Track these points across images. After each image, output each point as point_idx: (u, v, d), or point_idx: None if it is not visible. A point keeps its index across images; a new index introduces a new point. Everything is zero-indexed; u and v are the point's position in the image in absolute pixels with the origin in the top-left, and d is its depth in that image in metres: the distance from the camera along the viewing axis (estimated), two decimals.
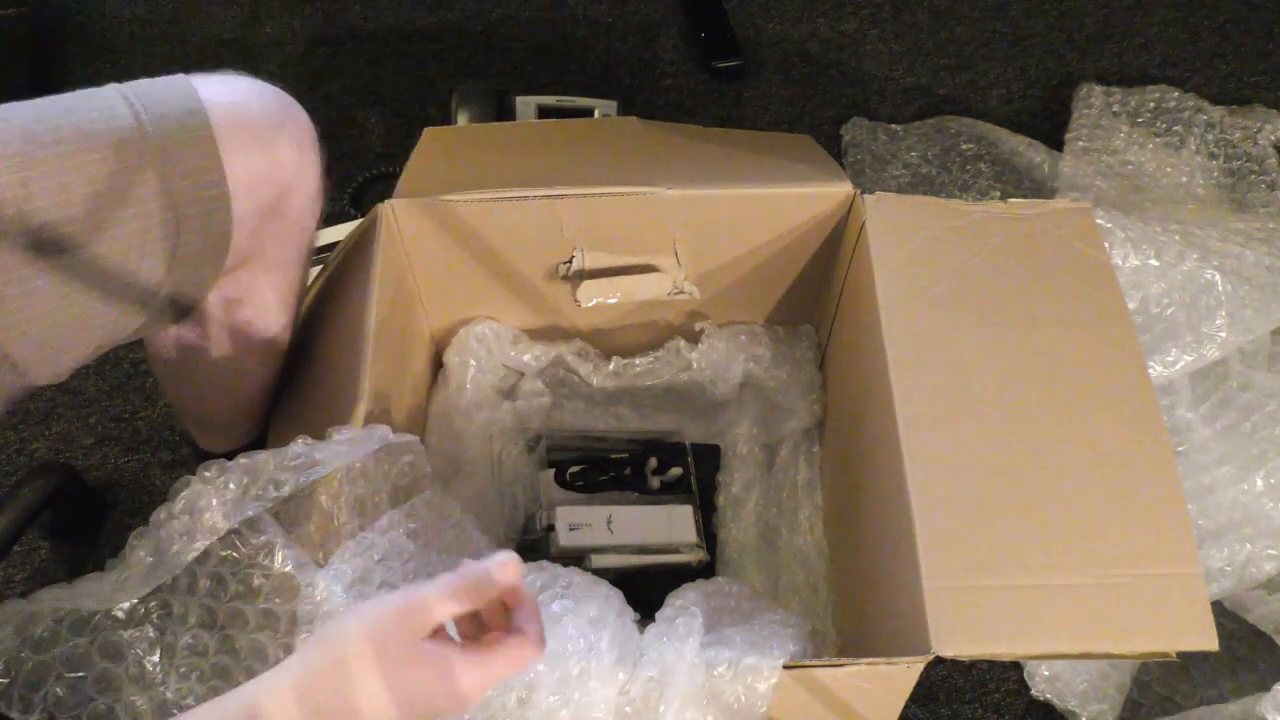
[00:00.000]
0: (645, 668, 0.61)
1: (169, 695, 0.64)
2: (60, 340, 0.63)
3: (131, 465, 1.05)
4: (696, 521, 0.93)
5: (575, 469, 0.94)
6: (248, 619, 0.63)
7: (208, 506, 0.64)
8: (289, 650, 0.60)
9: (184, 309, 0.70)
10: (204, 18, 1.42)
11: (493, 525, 0.91)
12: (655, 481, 0.95)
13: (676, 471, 0.96)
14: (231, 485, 0.64)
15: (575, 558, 0.85)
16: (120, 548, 0.68)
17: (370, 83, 1.37)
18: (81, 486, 1.02)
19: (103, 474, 1.05)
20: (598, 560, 0.86)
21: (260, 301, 0.76)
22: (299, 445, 0.66)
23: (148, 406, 1.09)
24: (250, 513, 0.63)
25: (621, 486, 0.95)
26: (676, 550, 0.90)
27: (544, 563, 0.69)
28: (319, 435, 0.68)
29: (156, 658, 0.65)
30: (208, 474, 0.66)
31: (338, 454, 0.66)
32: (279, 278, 0.76)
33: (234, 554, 0.66)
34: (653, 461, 0.96)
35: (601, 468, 0.95)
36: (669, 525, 0.91)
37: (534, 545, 0.92)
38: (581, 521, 0.88)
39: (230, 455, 0.87)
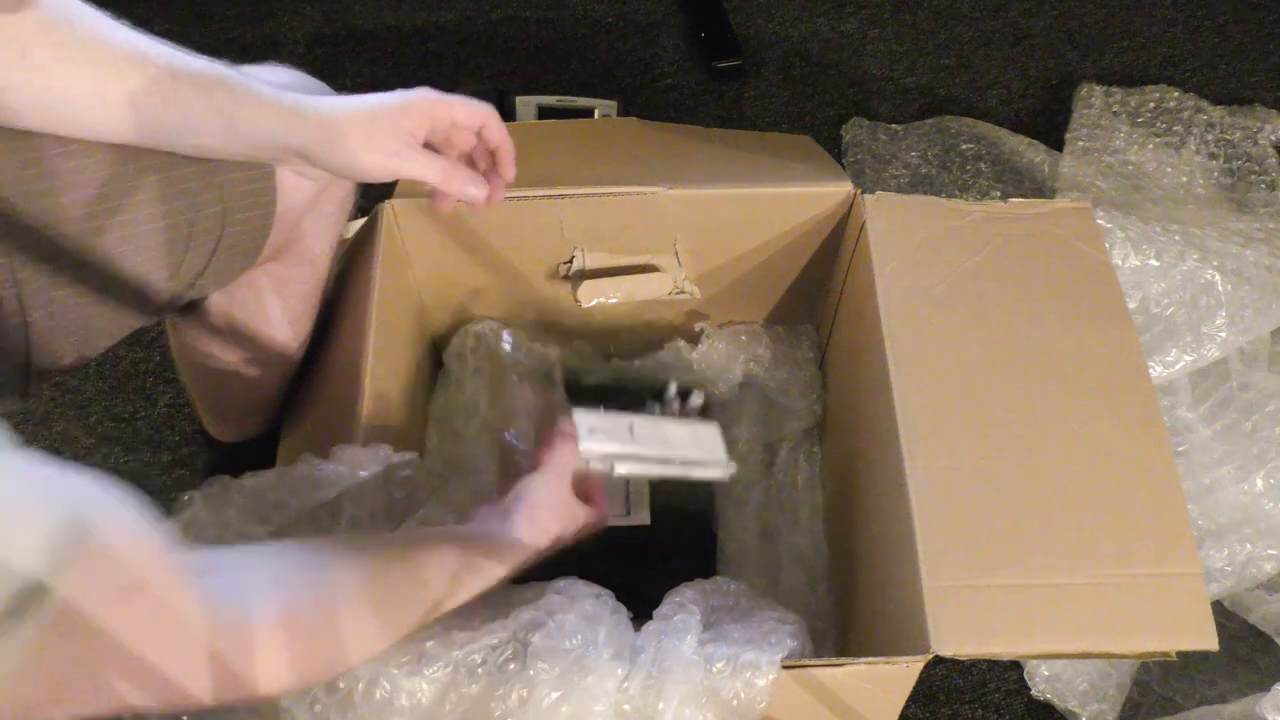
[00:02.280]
0: (643, 664, 0.61)
1: None
2: (95, 320, 0.64)
3: (131, 465, 1.05)
4: (723, 440, 0.86)
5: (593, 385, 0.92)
6: None
7: (210, 523, 0.64)
8: None
9: (201, 299, 0.71)
10: (204, 17, 1.42)
11: None
12: (676, 405, 0.90)
13: (698, 400, 0.90)
14: (234, 506, 0.64)
15: (598, 465, 0.77)
16: None
17: (370, 83, 1.37)
18: None
19: (103, 474, 1.05)
20: (621, 467, 0.77)
21: (288, 293, 0.77)
22: (304, 466, 0.66)
23: (148, 406, 1.09)
24: (252, 535, 0.63)
25: (641, 408, 0.88)
26: (703, 464, 0.82)
27: (532, 582, 0.69)
28: (322, 438, 0.68)
29: None
30: (211, 492, 0.66)
31: (341, 476, 0.66)
32: (309, 272, 0.77)
33: None
34: (673, 387, 0.90)
35: (620, 391, 0.92)
36: (695, 440, 0.84)
37: None
38: (601, 426, 0.78)
39: (237, 447, 0.88)
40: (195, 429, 1.06)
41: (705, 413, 0.93)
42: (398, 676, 0.58)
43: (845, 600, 0.89)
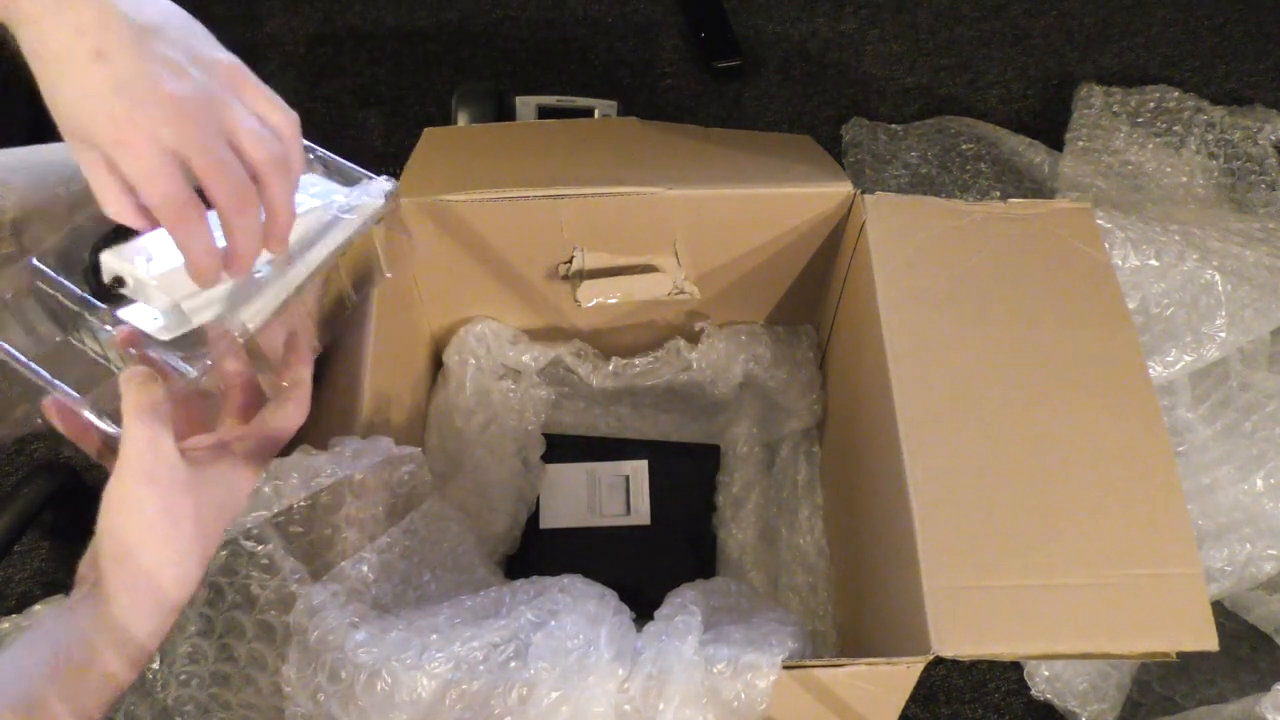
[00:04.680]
0: (644, 665, 0.61)
1: (169, 702, 0.64)
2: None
3: None
4: (343, 165, 0.63)
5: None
6: (245, 629, 0.63)
7: None
8: (285, 660, 0.60)
9: None
10: (204, 18, 1.42)
11: (495, 521, 0.91)
12: None
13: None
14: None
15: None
16: None
17: (370, 83, 1.37)
18: (81, 486, 1.02)
19: (103, 474, 1.05)
20: (250, 318, 0.53)
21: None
22: (301, 455, 0.66)
23: None
24: (250, 523, 0.63)
25: None
26: (348, 210, 0.59)
27: (535, 577, 0.69)
28: (321, 441, 0.67)
29: (156, 665, 0.65)
30: None
31: (341, 465, 0.66)
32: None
33: (235, 563, 0.66)
34: None
35: None
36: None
37: (526, 554, 0.92)
38: (157, 299, 0.52)
39: None
40: None
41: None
42: (399, 670, 0.58)
43: (845, 601, 0.89)
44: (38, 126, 0.51)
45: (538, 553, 0.93)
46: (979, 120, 1.33)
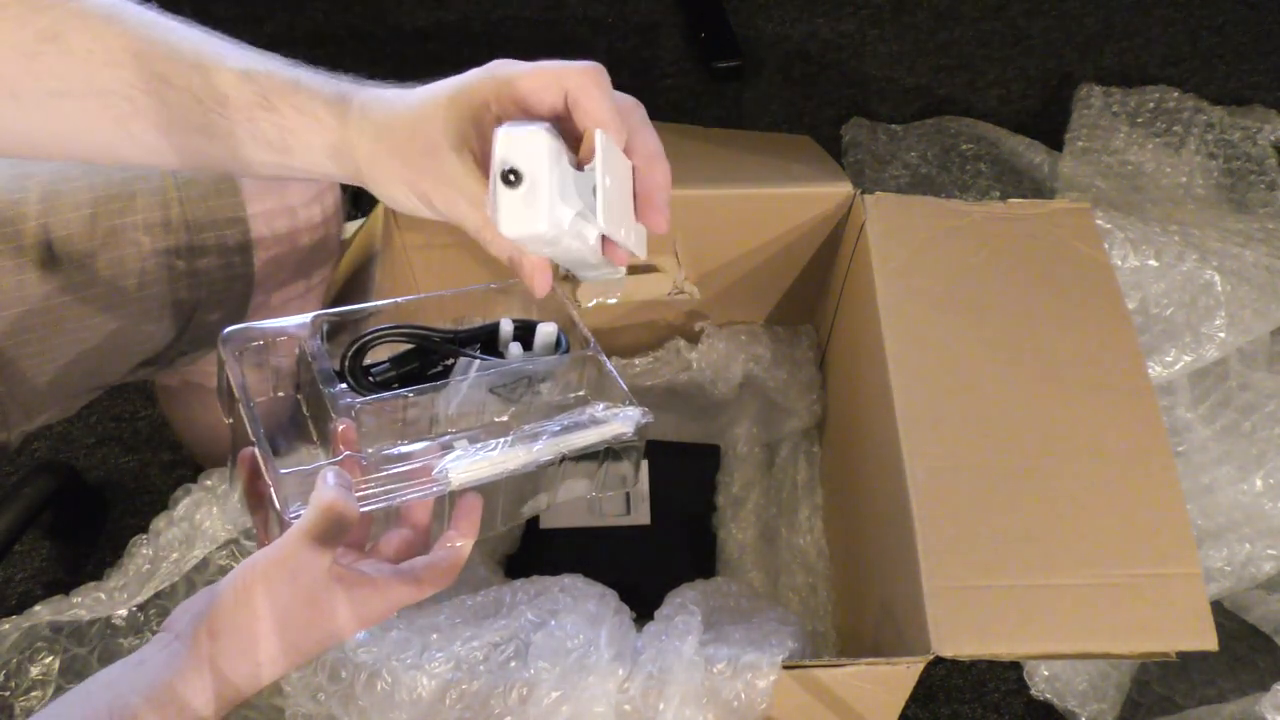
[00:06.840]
0: (644, 665, 0.61)
1: None
2: (75, 371, 0.63)
3: (131, 465, 1.05)
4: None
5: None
6: None
7: (208, 515, 0.64)
8: None
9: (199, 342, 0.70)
10: (204, 17, 1.42)
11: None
12: (515, 351, 0.65)
13: (548, 330, 0.66)
14: (233, 494, 0.64)
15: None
16: (120, 548, 0.68)
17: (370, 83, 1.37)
18: (81, 486, 1.02)
19: (103, 474, 1.05)
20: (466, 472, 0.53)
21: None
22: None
23: (148, 406, 1.09)
24: (250, 522, 0.63)
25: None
26: (599, 422, 0.58)
27: (535, 577, 0.69)
28: None
29: None
30: (209, 482, 0.66)
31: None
32: (299, 305, 0.75)
33: (233, 563, 0.66)
34: (507, 325, 0.66)
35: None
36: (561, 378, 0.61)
37: (526, 554, 0.92)
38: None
39: None
40: None
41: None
42: (399, 670, 0.58)
43: (845, 601, 0.89)
44: None
45: (538, 553, 0.93)
46: (979, 120, 1.33)
